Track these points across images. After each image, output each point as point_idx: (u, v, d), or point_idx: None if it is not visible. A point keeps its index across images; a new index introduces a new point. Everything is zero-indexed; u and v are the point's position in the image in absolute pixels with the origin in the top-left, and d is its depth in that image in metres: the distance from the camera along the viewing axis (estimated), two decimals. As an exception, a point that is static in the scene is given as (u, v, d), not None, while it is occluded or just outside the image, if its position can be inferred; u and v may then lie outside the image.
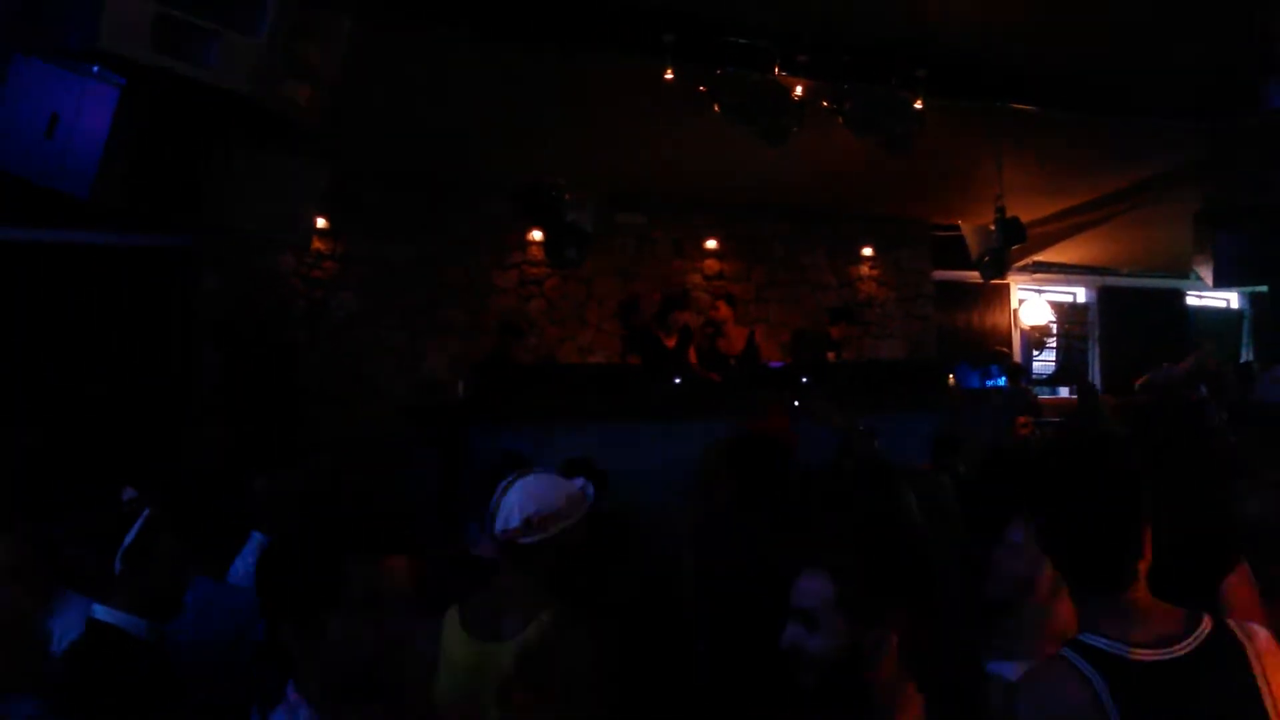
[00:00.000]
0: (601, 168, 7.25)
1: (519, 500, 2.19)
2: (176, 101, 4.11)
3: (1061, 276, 11.44)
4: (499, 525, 2.19)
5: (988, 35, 5.82)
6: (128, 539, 2.25)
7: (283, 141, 4.97)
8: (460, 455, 5.45)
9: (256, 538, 3.20)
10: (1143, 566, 1.61)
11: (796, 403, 5.04)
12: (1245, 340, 12.86)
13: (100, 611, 2.21)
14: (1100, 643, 1.53)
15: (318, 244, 7.90)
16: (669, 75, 5.65)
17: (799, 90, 5.93)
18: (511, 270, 8.72)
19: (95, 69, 3.74)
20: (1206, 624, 1.56)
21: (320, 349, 7.78)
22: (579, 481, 2.35)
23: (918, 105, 6.09)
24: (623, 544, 3.38)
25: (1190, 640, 1.54)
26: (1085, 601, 1.65)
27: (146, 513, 2.30)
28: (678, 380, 6.50)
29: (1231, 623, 1.60)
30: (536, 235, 8.44)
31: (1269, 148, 5.22)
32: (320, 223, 7.89)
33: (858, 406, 5.34)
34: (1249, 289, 11.94)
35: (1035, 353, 11.40)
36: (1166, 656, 1.51)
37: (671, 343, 7.03)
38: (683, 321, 7.16)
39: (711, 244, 9.46)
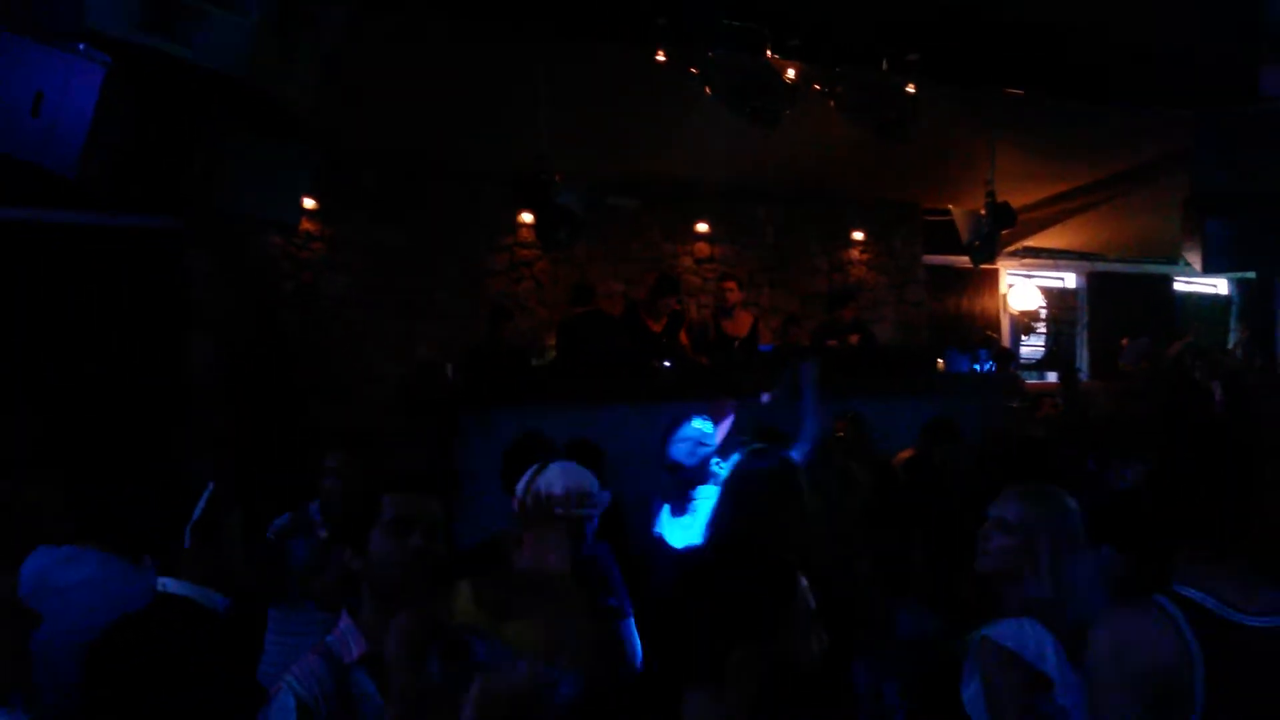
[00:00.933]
0: (594, 151, 7.22)
1: (560, 474, 2.31)
2: (165, 82, 4.09)
3: (1050, 262, 11.47)
4: (536, 490, 2.24)
5: (979, 20, 5.82)
6: (195, 513, 2.29)
7: (273, 123, 4.95)
8: (453, 439, 5.45)
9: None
10: (1254, 535, 1.62)
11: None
12: (1232, 326, 12.94)
13: (171, 584, 2.24)
14: (1196, 595, 1.54)
15: (306, 225, 7.86)
16: (661, 57, 5.63)
17: (791, 73, 5.92)
18: (502, 253, 8.69)
19: (81, 47, 3.71)
20: None
21: (310, 332, 7.77)
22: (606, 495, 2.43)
23: (910, 89, 6.08)
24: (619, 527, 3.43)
25: None
26: (1190, 559, 1.63)
27: (211, 487, 2.35)
28: (667, 364, 6.49)
29: None
30: (527, 218, 8.42)
31: (1260, 135, 5.23)
32: (309, 203, 7.85)
33: (848, 391, 5.37)
34: (1237, 275, 11.99)
35: (1024, 338, 11.45)
36: (1266, 624, 1.51)
37: (659, 327, 7.00)
38: (672, 306, 7.13)
39: (703, 228, 9.45)
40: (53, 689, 2.21)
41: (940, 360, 7.77)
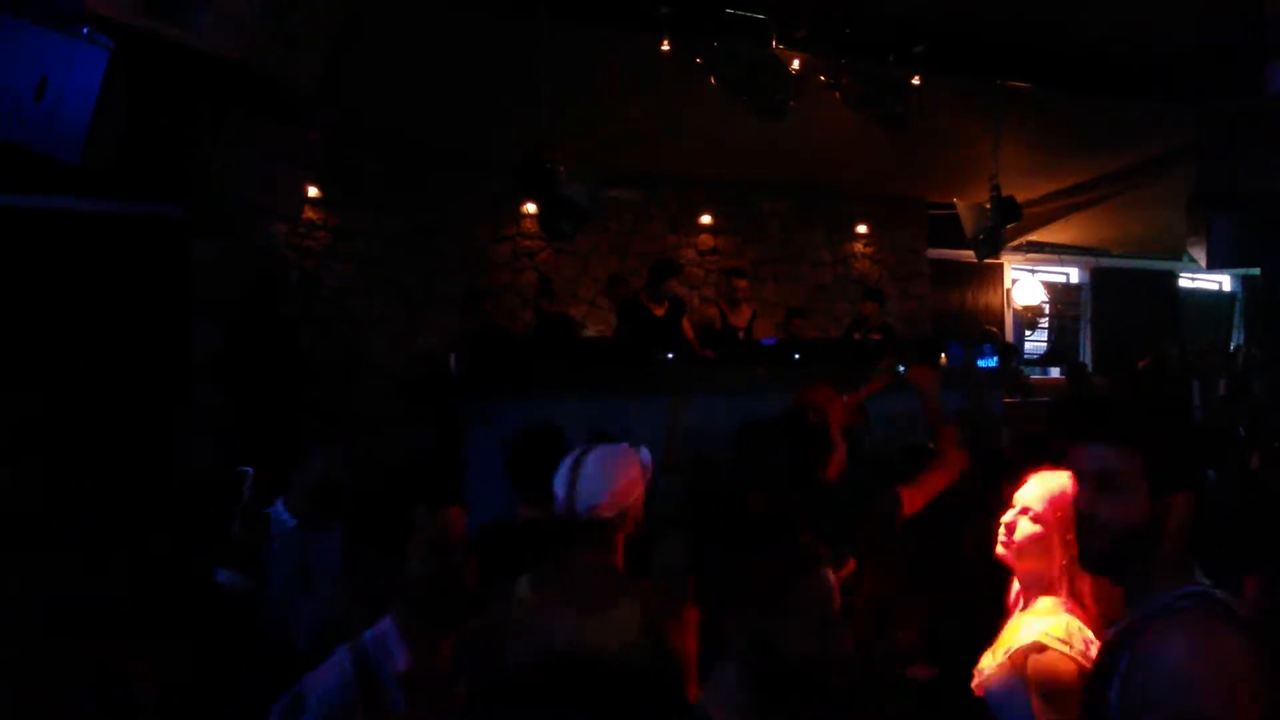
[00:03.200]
0: (598, 141, 7.21)
1: (598, 475, 2.22)
2: (168, 67, 4.07)
3: (1054, 257, 11.44)
4: (583, 503, 2.20)
5: (987, 12, 5.78)
6: (243, 498, 2.30)
7: (276, 109, 4.92)
8: (456, 427, 5.44)
9: None
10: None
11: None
12: (1237, 323, 12.90)
13: (224, 575, 2.26)
14: (1219, 594, 1.52)
15: (310, 214, 7.86)
16: (665, 47, 5.61)
17: (796, 64, 5.89)
18: (505, 243, 8.69)
19: (85, 31, 3.69)
20: None
21: (314, 321, 7.77)
22: (644, 451, 2.36)
23: (915, 82, 6.05)
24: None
25: None
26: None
27: (251, 473, 2.37)
28: (670, 355, 6.47)
29: None
30: (531, 208, 8.41)
31: (1267, 131, 5.21)
32: (312, 192, 7.84)
33: (849, 383, 5.36)
34: (1242, 271, 11.96)
35: (1027, 333, 11.43)
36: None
37: (660, 311, 6.95)
38: (673, 291, 7.07)
39: (706, 220, 9.43)
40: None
41: (943, 355, 7.76)
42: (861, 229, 10.08)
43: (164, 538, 2.55)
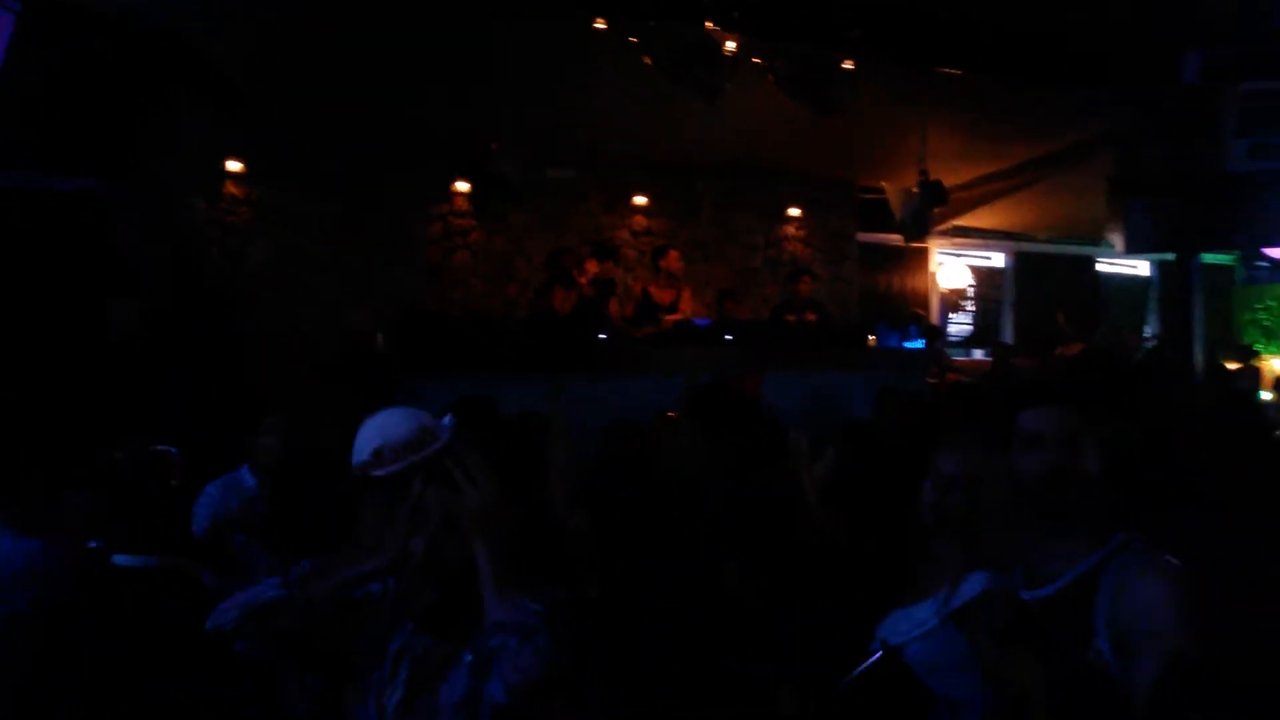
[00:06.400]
0: (532, 120, 7.13)
1: (369, 434, 2.19)
2: (88, 38, 3.90)
3: (979, 241, 11.71)
4: (354, 459, 2.18)
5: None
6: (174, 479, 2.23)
7: (200, 83, 4.77)
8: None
9: None
10: None
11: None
12: (1151, 307, 13.40)
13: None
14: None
15: (232, 189, 7.63)
16: (599, 24, 5.57)
17: (730, 45, 5.90)
18: (436, 222, 8.55)
19: (-12, -9, 3.52)
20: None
21: (238, 299, 7.54)
22: (446, 418, 2.32)
23: (848, 66, 6.12)
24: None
25: None
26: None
27: (176, 454, 2.29)
28: (602, 336, 6.47)
29: None
30: (462, 186, 8.28)
31: (1181, 119, 5.39)
32: (235, 166, 7.60)
33: (795, 363, 5.50)
34: (1157, 256, 12.40)
35: (952, 315, 11.70)
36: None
37: (590, 292, 6.92)
38: (604, 274, 7.06)
39: (641, 200, 9.42)
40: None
41: (871, 336, 7.92)
42: (794, 212, 10.17)
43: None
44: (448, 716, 1.71)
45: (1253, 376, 10.09)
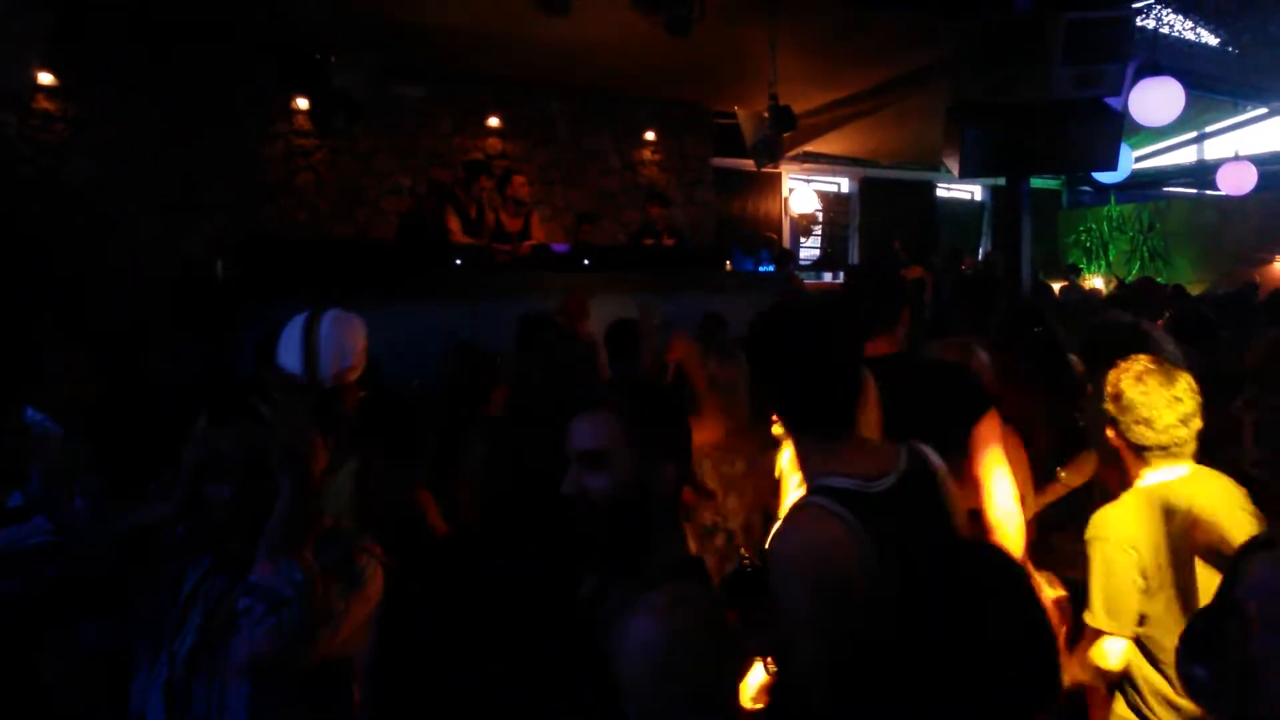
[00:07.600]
0: (376, 30, 6.77)
1: (340, 338, 2.19)
2: None
3: (828, 167, 12.05)
4: (329, 367, 2.10)
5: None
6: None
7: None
8: (228, 339, 5.11)
9: None
10: (862, 410, 1.76)
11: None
12: (984, 230, 14.20)
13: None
14: (841, 483, 1.63)
15: (45, 104, 6.97)
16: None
17: (581, -41, 5.77)
18: (276, 140, 8.09)
19: None
20: (909, 453, 1.74)
21: (56, 225, 6.93)
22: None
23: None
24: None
25: (903, 469, 1.70)
26: (814, 449, 1.74)
27: None
28: (459, 261, 6.34)
29: (924, 449, 1.78)
30: (303, 103, 7.84)
31: (1013, 46, 5.63)
32: (46, 79, 6.94)
33: (653, 287, 5.55)
34: (990, 181, 13.09)
35: (803, 240, 12.05)
36: (889, 485, 1.66)
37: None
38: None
39: (494, 122, 9.18)
40: None
41: (727, 261, 8.07)
42: (650, 136, 10.16)
43: None
44: (234, 672, 1.59)
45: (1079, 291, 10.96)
